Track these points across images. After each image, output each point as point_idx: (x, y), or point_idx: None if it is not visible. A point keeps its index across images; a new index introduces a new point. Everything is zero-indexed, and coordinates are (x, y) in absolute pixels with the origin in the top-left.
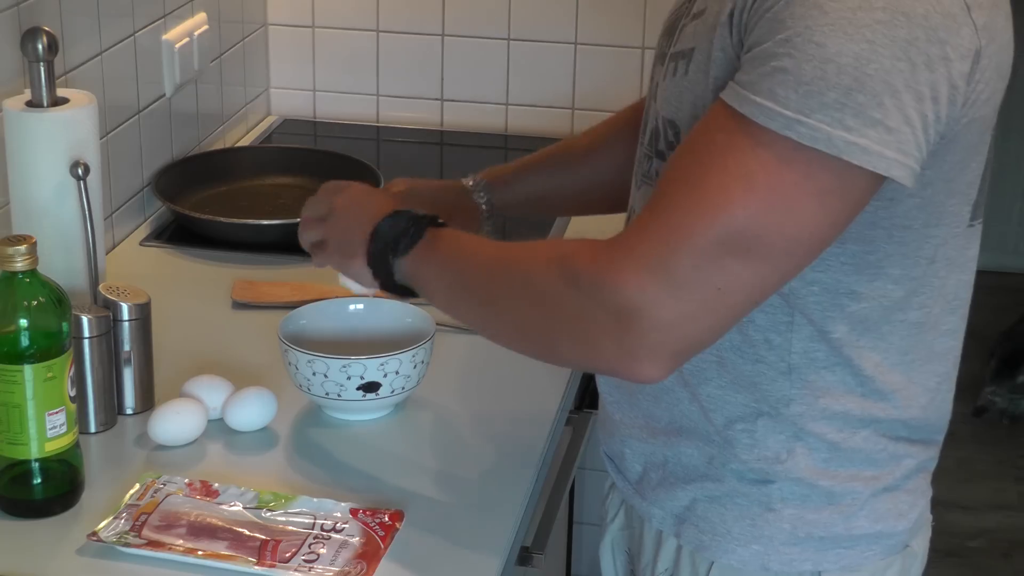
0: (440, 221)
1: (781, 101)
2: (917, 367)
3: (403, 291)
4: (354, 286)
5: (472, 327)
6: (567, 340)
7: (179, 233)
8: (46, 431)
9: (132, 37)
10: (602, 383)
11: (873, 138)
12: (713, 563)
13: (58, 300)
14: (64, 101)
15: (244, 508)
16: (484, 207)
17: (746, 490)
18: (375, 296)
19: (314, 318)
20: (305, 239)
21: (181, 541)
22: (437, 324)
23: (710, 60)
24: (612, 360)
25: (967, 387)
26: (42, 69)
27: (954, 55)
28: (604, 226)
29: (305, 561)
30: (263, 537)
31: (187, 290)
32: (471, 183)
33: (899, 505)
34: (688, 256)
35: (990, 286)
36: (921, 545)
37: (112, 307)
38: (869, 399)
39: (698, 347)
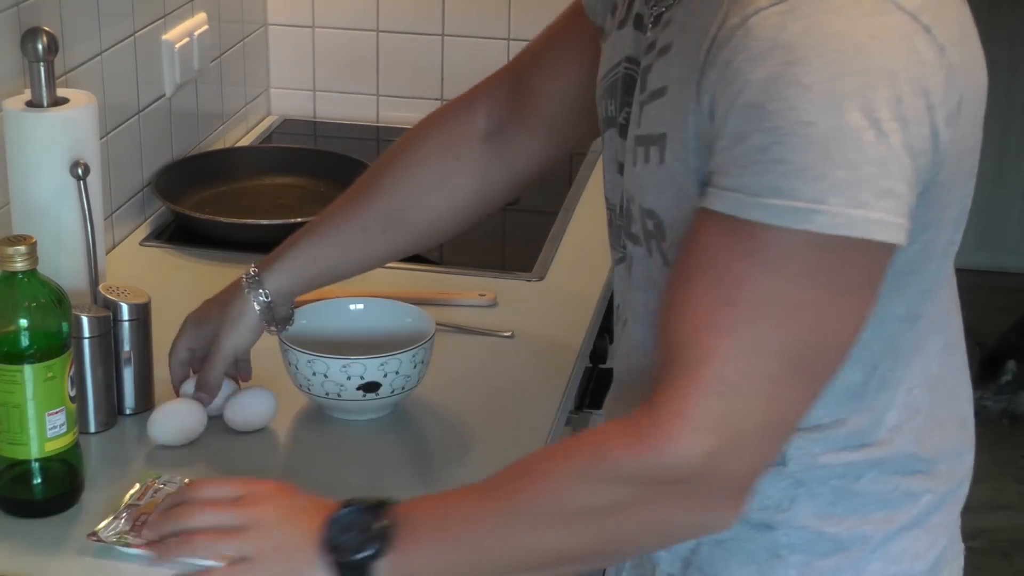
0: (392, 500)
1: (789, 194)
2: (916, 395)
3: None
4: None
5: None
6: (638, 537)
7: (179, 233)
8: (46, 431)
9: (132, 37)
10: (608, 415)
11: (887, 208)
12: None
13: (58, 300)
14: (64, 101)
15: None
16: (257, 306)
17: (751, 535)
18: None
19: (314, 318)
20: (204, 552)
21: None
22: (437, 324)
23: (688, 150)
24: (693, 527)
25: None
26: (42, 69)
27: (937, 101)
28: None
29: None
30: None
31: (187, 290)
32: (245, 278)
33: (917, 544)
34: (742, 403)
35: (990, 286)
36: None
37: (112, 307)
38: (870, 446)
39: (765, 468)
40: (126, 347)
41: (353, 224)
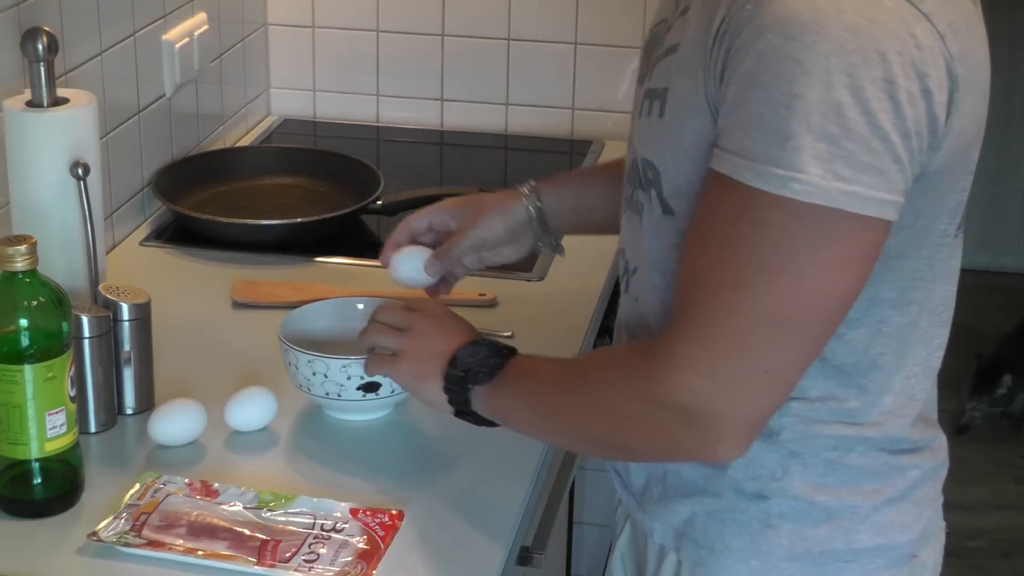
0: (516, 351)
1: (775, 161)
2: (913, 383)
3: (476, 419)
4: (408, 279)
5: (552, 445)
6: (648, 446)
7: (179, 233)
8: (46, 431)
9: (132, 37)
10: None
11: (867, 183)
12: None
13: (58, 300)
14: (64, 101)
15: (244, 508)
16: (534, 212)
17: (744, 506)
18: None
19: (314, 318)
20: (376, 342)
21: (181, 541)
22: None
23: (687, 108)
24: (693, 452)
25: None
26: (42, 69)
27: (934, 87)
28: None
29: (305, 561)
30: (263, 537)
31: (187, 290)
32: (526, 189)
33: (904, 517)
34: (726, 352)
35: (990, 286)
36: (931, 555)
37: (112, 307)
38: (861, 424)
39: (765, 418)
40: (126, 347)
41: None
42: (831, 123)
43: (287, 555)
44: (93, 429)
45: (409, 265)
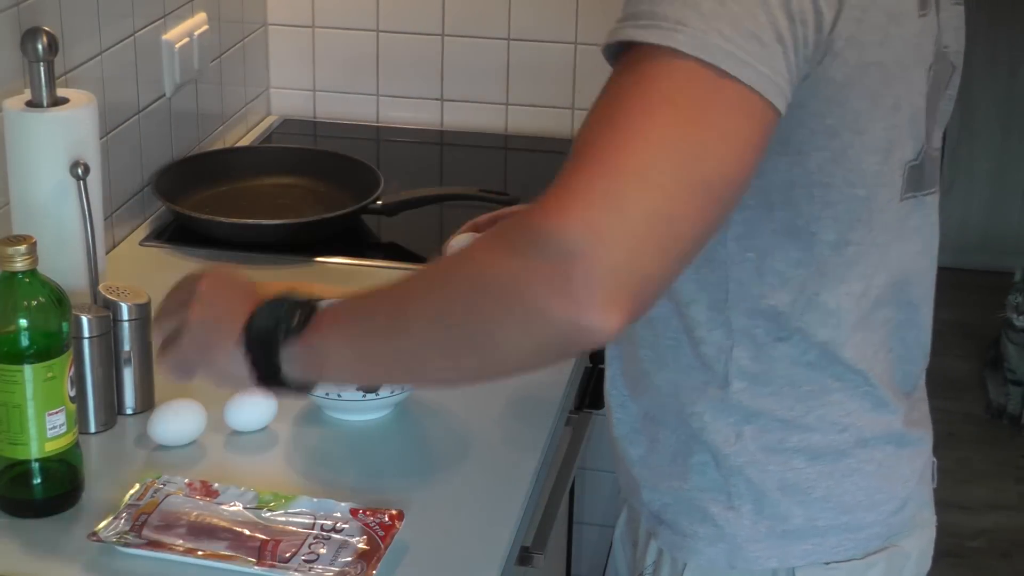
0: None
1: (659, 16)
2: (869, 339)
3: (283, 385)
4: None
5: (398, 378)
6: (506, 321)
7: (179, 233)
8: (46, 431)
9: (132, 37)
10: (609, 382)
11: (748, 50)
12: (687, 564)
13: (58, 300)
14: (64, 101)
15: (244, 508)
16: None
17: (709, 488)
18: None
19: None
20: (160, 330)
21: (181, 541)
22: None
23: None
24: (563, 320)
25: (966, 387)
26: (42, 69)
27: None
28: None
29: (305, 561)
30: (263, 537)
31: None
32: None
33: (871, 493)
34: (625, 184)
35: (990, 286)
36: (914, 546)
37: (112, 307)
38: (820, 375)
39: (651, 287)
40: (126, 347)
41: None
42: None
43: (287, 555)
44: (93, 429)
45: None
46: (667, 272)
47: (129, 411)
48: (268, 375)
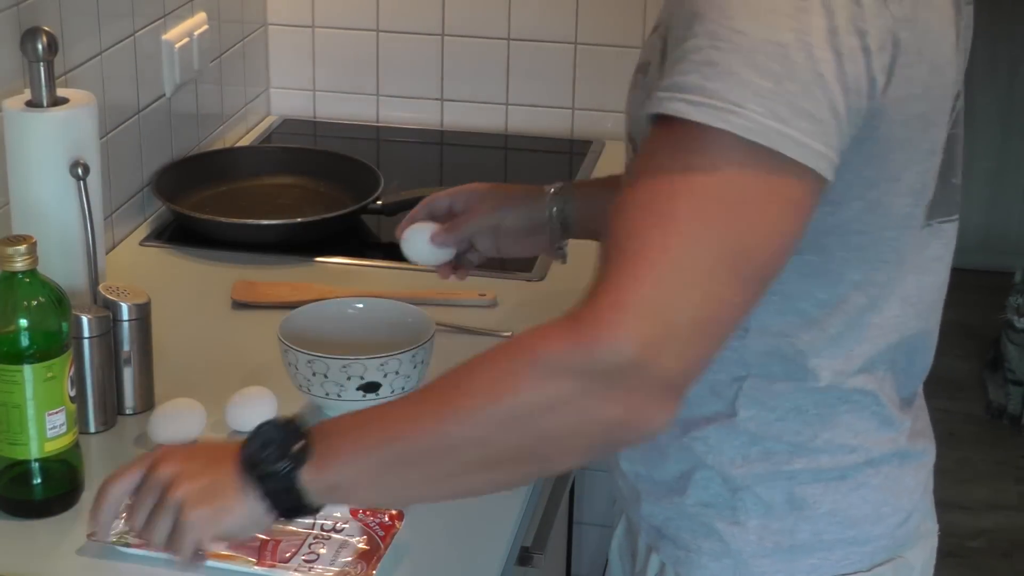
0: (303, 419)
1: (712, 93)
2: (881, 360)
3: (309, 511)
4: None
5: (433, 499)
6: (570, 436)
7: (179, 233)
8: (46, 431)
9: (132, 37)
10: None
11: (803, 129)
12: None
13: (58, 300)
14: (64, 101)
15: None
16: (556, 213)
17: (713, 503)
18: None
19: (314, 318)
20: (140, 517)
21: None
22: (437, 324)
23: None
24: (620, 428)
25: (967, 387)
26: (42, 69)
27: (874, 47)
28: None
29: (305, 561)
30: (263, 537)
31: (187, 290)
32: (552, 189)
33: (877, 507)
34: (677, 295)
35: (990, 286)
36: (919, 557)
37: (112, 307)
38: (830, 398)
39: (697, 375)
40: (126, 347)
41: None
42: (774, 62)
43: (287, 555)
44: (93, 429)
45: (419, 237)
46: (712, 357)
47: (129, 411)
48: (291, 507)
